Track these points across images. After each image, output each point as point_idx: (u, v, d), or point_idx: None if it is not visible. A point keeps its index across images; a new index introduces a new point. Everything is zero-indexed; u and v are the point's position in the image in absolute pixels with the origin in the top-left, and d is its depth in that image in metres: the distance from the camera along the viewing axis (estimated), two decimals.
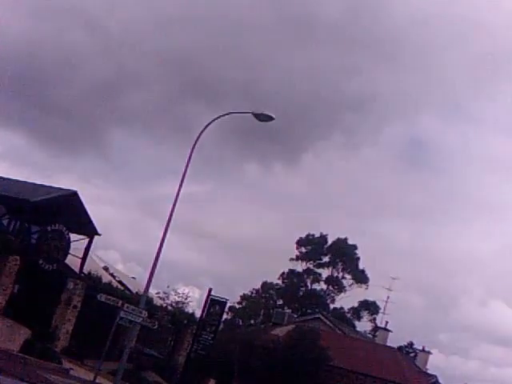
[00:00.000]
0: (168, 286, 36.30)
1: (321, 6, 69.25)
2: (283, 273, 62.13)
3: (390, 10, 75.20)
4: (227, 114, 23.72)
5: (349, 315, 61.84)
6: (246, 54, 74.34)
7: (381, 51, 77.02)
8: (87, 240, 29.97)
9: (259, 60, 74.51)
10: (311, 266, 62.43)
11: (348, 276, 62.03)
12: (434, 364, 51.69)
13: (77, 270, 29.34)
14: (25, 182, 29.88)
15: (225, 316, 42.25)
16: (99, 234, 30.02)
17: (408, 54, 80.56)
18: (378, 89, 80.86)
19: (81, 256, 29.77)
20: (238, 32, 72.04)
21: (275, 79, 75.13)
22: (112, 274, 37.72)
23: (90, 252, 30.93)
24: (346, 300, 61.88)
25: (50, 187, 29.14)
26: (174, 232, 23.18)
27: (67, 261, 28.48)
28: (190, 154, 23.28)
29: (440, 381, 46.11)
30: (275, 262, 70.90)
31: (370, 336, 57.62)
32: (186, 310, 34.61)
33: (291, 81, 74.62)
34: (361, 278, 61.24)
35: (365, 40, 74.43)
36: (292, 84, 74.61)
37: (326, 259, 62.22)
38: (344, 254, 61.32)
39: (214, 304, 33.64)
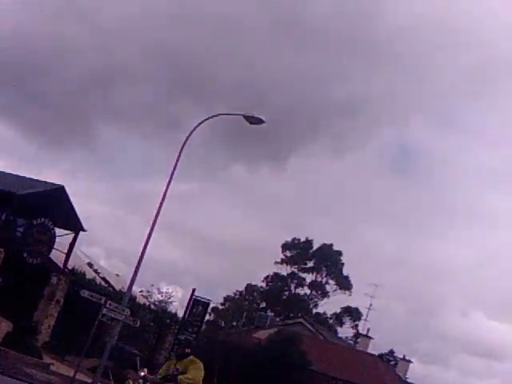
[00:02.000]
0: (152, 285, 36.32)
1: (311, 10, 69.24)
2: (267, 276, 62.27)
3: (381, 15, 75.27)
4: (216, 116, 23.14)
5: (331, 321, 61.94)
6: (235, 55, 74.36)
7: (371, 57, 77.22)
8: (72, 235, 29.84)
9: (248, 61, 74.59)
10: (296, 270, 62.54)
11: (332, 282, 62.18)
12: (413, 373, 51.75)
13: (61, 264, 29.21)
14: (11, 175, 29.70)
15: (207, 317, 42.22)
16: (85, 230, 29.88)
17: (399, 61, 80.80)
18: (368, 95, 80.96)
19: (65, 251, 29.63)
20: (227, 33, 72.03)
21: (264, 81, 75.19)
22: (96, 271, 37.57)
23: (74, 247, 30.79)
24: (329, 305, 62.04)
25: (37, 181, 29.03)
26: (158, 230, 23.03)
27: (52, 255, 28.35)
28: (179, 156, 22.82)
29: None
30: (260, 264, 71.00)
31: (351, 342, 57.73)
32: (169, 310, 34.54)
33: (280, 83, 74.66)
34: (344, 284, 61.40)
35: (355, 45, 74.62)
36: (280, 87, 74.68)
37: (310, 264, 62.34)
38: (329, 260, 61.48)
39: (197, 304, 33.59)
